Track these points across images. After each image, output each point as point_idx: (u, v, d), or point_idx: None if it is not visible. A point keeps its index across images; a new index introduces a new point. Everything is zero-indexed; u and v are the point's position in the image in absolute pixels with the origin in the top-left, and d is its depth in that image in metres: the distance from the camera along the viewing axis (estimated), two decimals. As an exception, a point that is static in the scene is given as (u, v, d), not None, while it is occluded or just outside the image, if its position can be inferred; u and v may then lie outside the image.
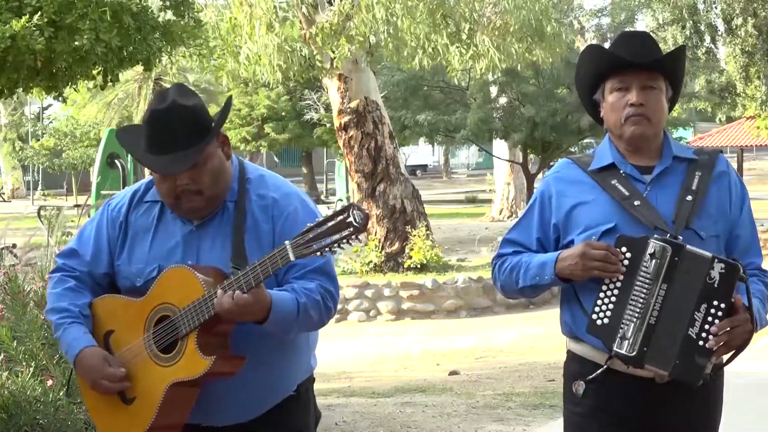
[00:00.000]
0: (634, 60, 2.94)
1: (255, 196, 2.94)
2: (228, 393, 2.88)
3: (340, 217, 2.63)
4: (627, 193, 2.94)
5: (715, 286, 2.80)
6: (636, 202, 2.92)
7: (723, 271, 2.80)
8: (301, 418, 3.04)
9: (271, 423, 2.95)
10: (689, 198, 2.93)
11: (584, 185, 3.02)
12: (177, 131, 2.82)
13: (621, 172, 2.99)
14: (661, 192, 2.96)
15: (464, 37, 14.66)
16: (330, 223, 2.63)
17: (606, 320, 2.85)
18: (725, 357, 2.92)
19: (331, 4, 14.36)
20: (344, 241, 2.62)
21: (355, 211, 2.62)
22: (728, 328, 2.80)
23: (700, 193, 2.94)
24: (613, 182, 2.97)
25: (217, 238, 2.90)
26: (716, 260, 2.81)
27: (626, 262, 2.85)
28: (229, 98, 3.15)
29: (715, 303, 2.80)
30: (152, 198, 3.01)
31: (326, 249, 2.63)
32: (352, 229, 2.61)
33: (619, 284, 2.85)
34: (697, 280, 2.81)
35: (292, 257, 2.65)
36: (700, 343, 2.80)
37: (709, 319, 2.80)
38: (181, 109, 2.84)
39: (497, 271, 3.11)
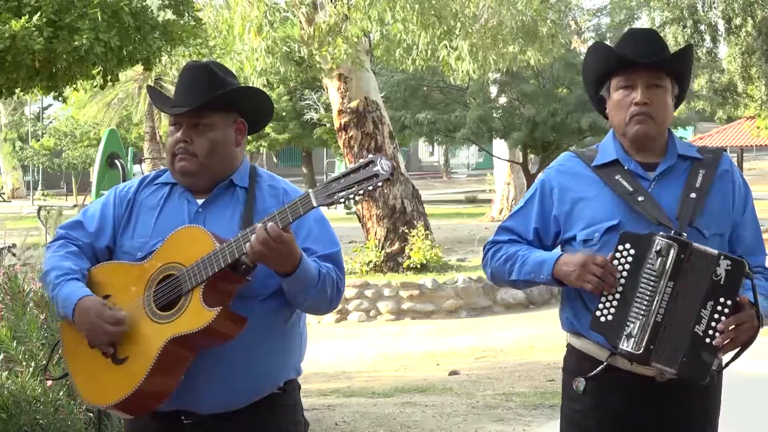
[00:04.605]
0: (639, 59, 2.93)
1: (266, 186, 3.01)
2: (214, 374, 2.86)
3: (366, 168, 2.62)
4: (631, 189, 2.93)
5: (722, 283, 2.79)
6: (640, 198, 2.91)
7: (729, 268, 2.80)
8: (286, 417, 3.02)
9: (256, 417, 2.93)
10: (693, 195, 2.92)
11: (587, 179, 3.01)
12: (200, 86, 2.89)
13: (625, 168, 2.98)
14: (665, 189, 2.95)
15: (453, 39, 14.60)
16: (354, 174, 2.63)
17: (610, 317, 2.84)
18: (730, 354, 2.90)
19: (332, 4, 14.33)
20: (369, 188, 2.61)
21: (382, 160, 2.62)
22: (734, 325, 2.80)
23: (704, 191, 2.93)
24: (616, 177, 2.96)
25: (224, 217, 2.93)
26: (722, 257, 2.80)
27: (630, 258, 2.84)
28: (267, 96, 3.10)
29: (722, 300, 2.80)
30: (163, 181, 3.05)
31: (351, 196, 2.62)
32: (378, 177, 2.60)
33: (623, 281, 2.84)
34: (703, 278, 2.80)
35: (314, 203, 2.65)
36: (707, 340, 2.79)
37: (716, 316, 2.80)
38: (213, 73, 2.93)
39: (489, 256, 3.12)
